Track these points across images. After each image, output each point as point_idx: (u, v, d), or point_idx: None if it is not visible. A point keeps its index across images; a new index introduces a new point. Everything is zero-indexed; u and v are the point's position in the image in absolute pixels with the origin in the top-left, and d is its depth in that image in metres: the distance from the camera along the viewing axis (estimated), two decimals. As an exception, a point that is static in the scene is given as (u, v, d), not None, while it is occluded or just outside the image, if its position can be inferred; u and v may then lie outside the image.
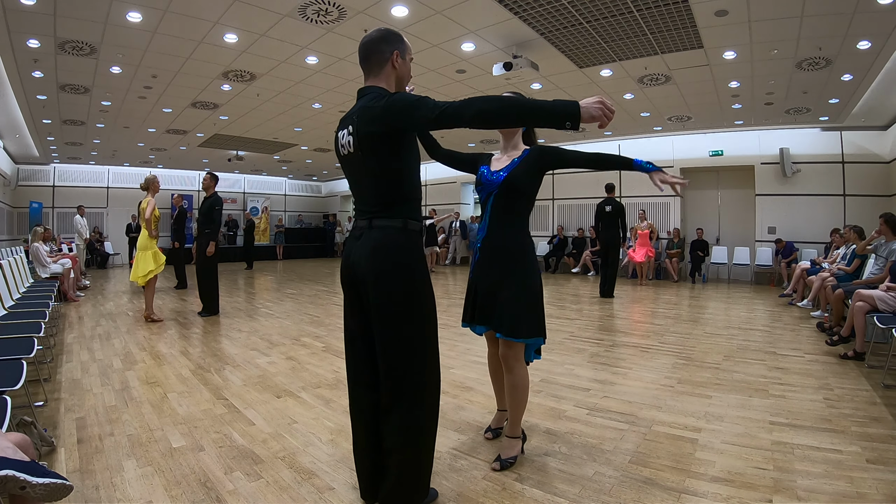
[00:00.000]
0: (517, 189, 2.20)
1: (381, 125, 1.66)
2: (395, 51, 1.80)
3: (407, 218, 1.76)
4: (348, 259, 1.82)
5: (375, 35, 1.81)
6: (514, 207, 2.22)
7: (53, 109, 8.18)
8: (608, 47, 5.89)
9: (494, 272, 2.19)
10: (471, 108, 1.52)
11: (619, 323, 5.90)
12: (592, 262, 11.29)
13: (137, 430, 2.60)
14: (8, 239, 11.75)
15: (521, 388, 2.19)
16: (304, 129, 10.35)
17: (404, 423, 1.70)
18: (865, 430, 2.58)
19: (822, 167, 9.45)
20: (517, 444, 2.27)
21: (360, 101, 1.78)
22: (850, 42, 5.30)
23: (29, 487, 1.24)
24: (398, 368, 1.71)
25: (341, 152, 1.83)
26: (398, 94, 1.68)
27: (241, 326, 5.47)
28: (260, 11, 4.93)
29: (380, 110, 1.65)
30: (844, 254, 6.35)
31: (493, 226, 2.22)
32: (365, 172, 1.76)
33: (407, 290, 1.72)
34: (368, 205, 1.78)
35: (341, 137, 1.81)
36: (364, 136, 1.69)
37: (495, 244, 2.21)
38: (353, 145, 1.74)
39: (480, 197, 2.32)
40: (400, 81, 1.86)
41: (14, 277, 5.00)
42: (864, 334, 4.03)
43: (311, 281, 10.39)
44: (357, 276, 1.77)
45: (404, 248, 1.74)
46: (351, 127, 1.74)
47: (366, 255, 1.73)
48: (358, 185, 1.83)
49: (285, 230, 18.06)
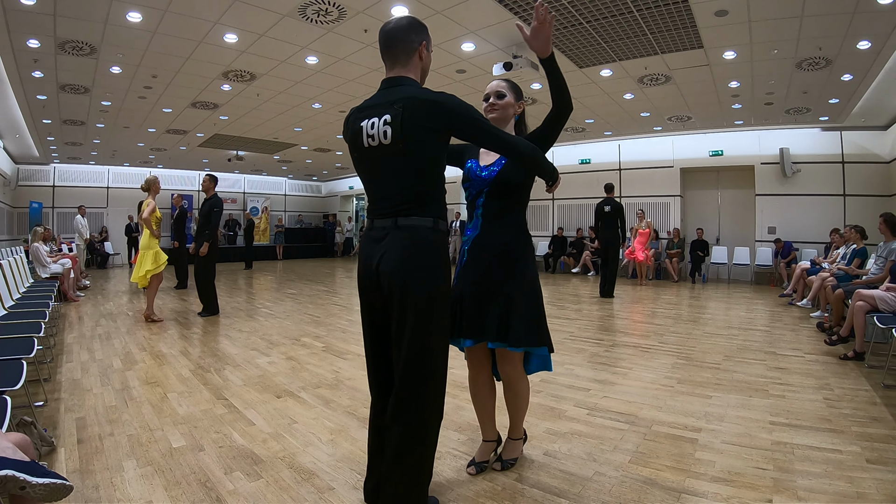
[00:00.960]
0: (513, 184, 2.01)
1: (439, 123, 1.61)
2: (424, 41, 1.72)
3: (437, 217, 1.66)
4: (370, 261, 1.67)
5: (404, 22, 1.71)
6: (511, 205, 2.04)
7: (53, 109, 8.18)
8: (608, 47, 5.89)
9: (488, 275, 1.99)
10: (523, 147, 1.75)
11: (619, 323, 5.90)
12: (592, 263, 11.29)
13: (137, 430, 2.60)
14: (8, 239, 11.76)
15: (524, 397, 2.11)
16: (304, 129, 10.36)
17: (410, 430, 1.62)
18: (865, 430, 2.58)
19: (822, 167, 9.45)
20: (519, 444, 2.24)
21: (398, 90, 1.66)
22: (850, 42, 5.30)
23: (29, 487, 1.24)
24: (417, 375, 1.62)
25: (366, 143, 1.67)
26: (456, 98, 1.65)
27: (241, 326, 5.47)
28: (260, 11, 4.93)
29: (439, 105, 1.61)
30: (844, 254, 6.35)
31: (487, 225, 2.03)
32: (398, 165, 1.63)
33: (436, 295, 1.63)
34: (393, 202, 1.65)
35: (369, 127, 1.65)
36: (414, 128, 1.59)
37: (490, 243, 2.01)
38: (390, 136, 1.60)
39: (469, 194, 2.11)
40: (424, 74, 1.77)
41: (14, 277, 4.99)
42: (864, 334, 4.03)
43: (311, 281, 10.38)
44: (381, 280, 1.63)
45: (437, 249, 1.65)
46: (389, 116, 1.60)
47: (396, 257, 1.61)
48: (382, 180, 1.69)
49: (285, 230, 18.06)
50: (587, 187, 12.01)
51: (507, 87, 2.11)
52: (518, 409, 2.14)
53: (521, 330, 1.92)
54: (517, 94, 2.13)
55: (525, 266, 2.02)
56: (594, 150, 12.06)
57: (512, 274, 1.99)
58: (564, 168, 12.57)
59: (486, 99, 2.13)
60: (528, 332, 1.93)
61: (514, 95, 2.11)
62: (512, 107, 2.10)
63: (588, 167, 12.17)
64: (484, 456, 2.21)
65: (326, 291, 8.65)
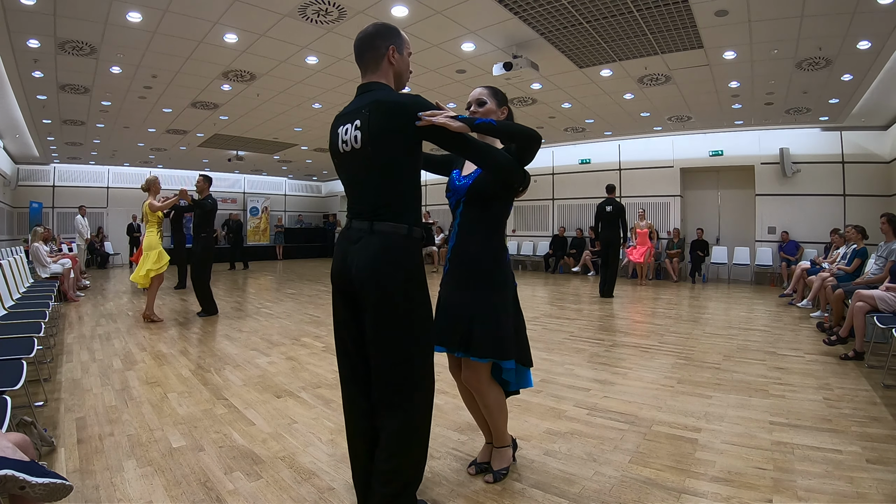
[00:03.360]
0: (486, 195, 1.99)
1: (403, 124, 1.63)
2: (392, 45, 1.74)
3: (412, 224, 1.69)
4: (343, 263, 1.71)
5: (370, 30, 1.75)
6: (485, 215, 2.02)
7: (53, 109, 8.18)
8: (608, 47, 5.89)
9: (460, 284, 2.01)
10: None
11: (619, 323, 5.90)
12: (592, 262, 11.30)
13: (137, 430, 2.60)
14: (8, 239, 11.75)
15: (496, 409, 2.06)
16: (304, 129, 10.35)
17: (396, 434, 1.64)
18: (865, 430, 2.58)
19: (822, 167, 9.45)
20: (507, 452, 2.16)
21: (367, 95, 1.70)
22: (850, 42, 5.30)
23: (29, 487, 1.24)
24: (394, 377, 1.65)
25: (342, 149, 1.73)
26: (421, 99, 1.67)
27: (241, 326, 5.47)
28: (260, 11, 4.93)
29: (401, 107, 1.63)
30: (844, 253, 6.35)
31: (462, 234, 2.03)
32: (369, 170, 1.67)
33: (408, 299, 1.66)
34: (369, 205, 1.69)
35: (343, 133, 1.71)
36: (379, 131, 1.63)
37: (463, 252, 2.02)
38: (360, 140, 1.65)
39: (450, 203, 2.13)
40: (399, 77, 1.80)
41: (14, 277, 5.00)
42: (864, 334, 4.03)
43: (310, 281, 10.38)
44: (354, 282, 1.67)
45: (409, 255, 1.69)
46: (359, 121, 1.66)
47: (368, 261, 1.64)
48: (358, 184, 1.73)
49: (285, 230, 18.05)
50: (587, 187, 12.02)
51: (488, 93, 2.13)
52: (492, 419, 2.09)
53: (483, 341, 1.92)
54: (499, 100, 2.14)
55: (494, 277, 2.00)
56: (594, 150, 12.06)
57: (481, 284, 1.98)
58: (564, 168, 12.59)
59: (468, 107, 2.16)
60: (492, 344, 1.92)
61: (495, 102, 2.12)
62: (494, 113, 2.11)
63: (588, 167, 12.17)
64: (485, 457, 2.21)
65: (326, 291, 8.64)
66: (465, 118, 1.68)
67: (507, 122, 2.04)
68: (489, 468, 2.14)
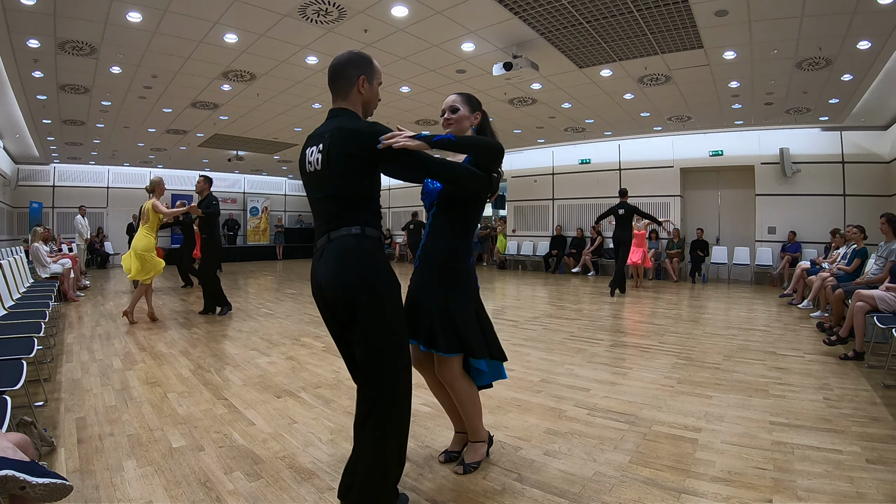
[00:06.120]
0: (457, 198, 2.05)
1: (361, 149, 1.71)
2: (362, 76, 1.82)
3: (365, 224, 1.74)
4: (315, 278, 1.80)
5: (344, 58, 1.83)
6: (454, 217, 2.08)
7: (53, 109, 8.18)
8: (608, 47, 5.89)
9: (426, 282, 2.07)
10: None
11: (619, 323, 5.90)
12: (592, 262, 11.28)
13: (137, 430, 2.60)
14: (8, 239, 11.75)
15: (468, 402, 2.09)
16: (304, 129, 10.34)
17: (375, 431, 1.69)
18: (865, 430, 2.58)
19: (822, 167, 9.45)
20: (481, 448, 2.21)
21: (333, 120, 1.79)
22: (850, 42, 5.30)
23: (29, 487, 1.24)
24: (373, 377, 1.71)
25: (308, 169, 1.83)
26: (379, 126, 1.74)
27: (241, 326, 5.47)
28: (260, 11, 4.93)
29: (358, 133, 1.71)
30: (844, 253, 6.35)
31: (432, 233, 2.10)
32: (329, 190, 1.76)
33: (375, 300, 1.70)
34: (326, 220, 1.78)
35: (309, 154, 1.81)
36: (336, 155, 1.71)
37: (432, 250, 2.08)
38: (320, 163, 1.75)
39: (425, 204, 2.19)
40: (366, 106, 1.87)
41: (14, 277, 4.99)
42: (864, 334, 4.03)
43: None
44: (325, 293, 1.75)
45: (365, 255, 1.73)
46: (321, 145, 1.75)
47: (329, 269, 1.72)
48: (319, 202, 1.82)
49: (285, 230, 18.06)
50: (587, 187, 12.03)
51: (461, 100, 2.16)
52: (465, 412, 2.13)
53: (449, 336, 1.99)
54: (472, 105, 2.17)
55: (459, 276, 2.07)
56: (594, 150, 12.06)
57: (446, 283, 2.05)
58: (564, 168, 12.59)
59: (441, 114, 2.19)
60: (456, 340, 1.99)
61: (468, 108, 2.15)
62: (467, 119, 2.14)
63: (588, 167, 12.17)
64: (455, 446, 2.30)
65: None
66: (423, 136, 1.72)
67: (465, 136, 2.08)
68: (459, 458, 2.20)
